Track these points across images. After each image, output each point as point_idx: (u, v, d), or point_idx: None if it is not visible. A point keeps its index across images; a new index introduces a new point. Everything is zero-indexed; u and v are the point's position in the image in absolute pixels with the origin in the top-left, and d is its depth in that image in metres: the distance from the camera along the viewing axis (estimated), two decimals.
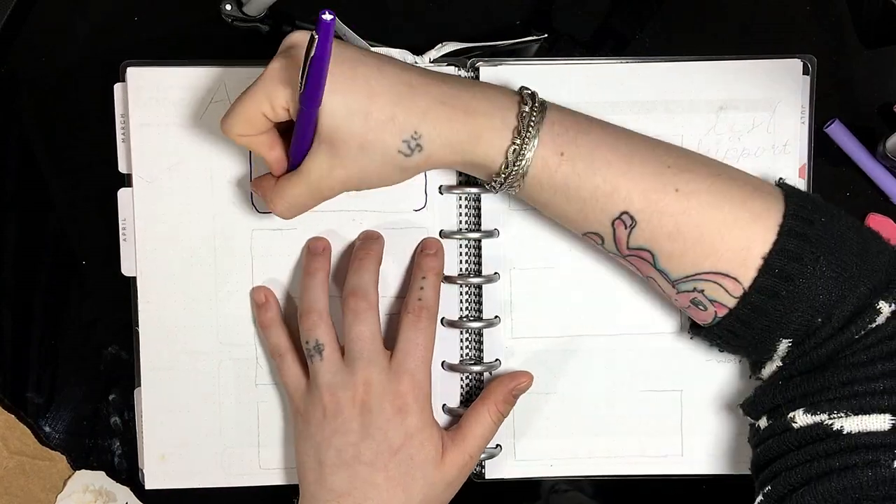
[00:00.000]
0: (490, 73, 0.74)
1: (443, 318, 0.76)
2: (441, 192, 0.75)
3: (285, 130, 0.68)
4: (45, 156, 0.77)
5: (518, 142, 0.65)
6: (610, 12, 0.78)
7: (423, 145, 0.64)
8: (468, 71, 0.75)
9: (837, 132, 0.78)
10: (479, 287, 0.76)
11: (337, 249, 0.76)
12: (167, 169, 0.75)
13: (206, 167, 0.75)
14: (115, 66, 0.74)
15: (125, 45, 0.77)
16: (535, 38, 0.76)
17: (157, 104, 0.74)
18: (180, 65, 0.74)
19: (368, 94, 0.63)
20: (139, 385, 0.77)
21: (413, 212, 0.75)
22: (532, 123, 0.65)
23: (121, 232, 0.76)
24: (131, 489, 0.79)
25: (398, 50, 0.74)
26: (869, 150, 0.78)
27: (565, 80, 0.75)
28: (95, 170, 0.77)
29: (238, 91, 0.72)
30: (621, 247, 0.67)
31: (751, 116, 0.75)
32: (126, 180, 0.76)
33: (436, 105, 0.64)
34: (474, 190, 0.75)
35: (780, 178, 0.72)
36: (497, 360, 0.77)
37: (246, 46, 0.77)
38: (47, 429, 0.79)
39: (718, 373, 0.77)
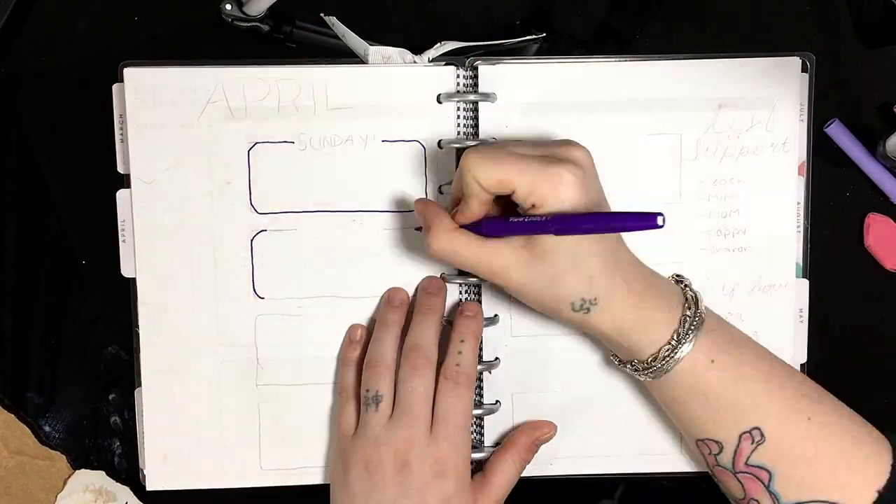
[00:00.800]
0: (489, 72, 0.74)
1: (443, 318, 0.76)
2: (441, 192, 0.75)
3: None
4: (44, 156, 0.77)
5: (674, 341, 0.67)
6: (610, 12, 0.78)
7: (592, 311, 0.66)
8: (467, 70, 0.75)
9: (837, 132, 0.78)
10: (479, 286, 0.76)
11: (337, 249, 0.76)
12: (166, 170, 0.75)
13: (205, 168, 0.75)
14: (114, 66, 0.74)
15: (125, 45, 0.77)
16: (534, 37, 0.76)
17: (155, 105, 0.74)
18: (178, 65, 0.74)
19: (590, 246, 0.65)
20: (139, 386, 0.77)
21: (413, 211, 0.75)
22: (693, 328, 0.67)
23: (120, 233, 0.76)
24: (131, 489, 0.79)
25: (398, 49, 0.74)
26: (869, 150, 0.78)
27: (565, 79, 0.75)
28: (95, 170, 0.77)
29: (236, 91, 0.73)
30: (739, 460, 0.69)
31: (750, 114, 0.75)
32: (125, 181, 0.76)
33: (623, 284, 0.66)
34: None
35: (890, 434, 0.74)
36: (497, 358, 0.77)
37: (246, 46, 0.77)
38: (47, 429, 0.79)
39: None
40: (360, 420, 0.73)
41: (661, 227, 0.58)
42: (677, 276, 0.72)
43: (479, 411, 0.76)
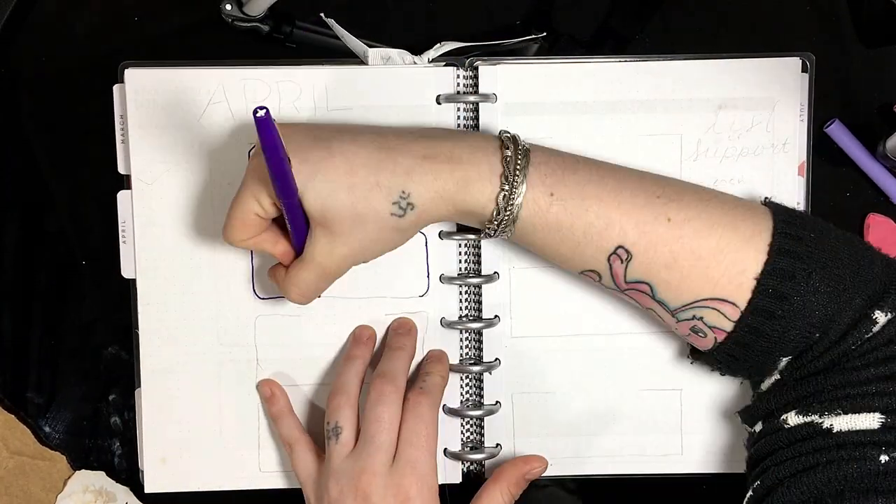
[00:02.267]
0: (489, 72, 0.74)
1: (442, 318, 0.76)
2: None
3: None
4: (45, 156, 0.77)
5: (507, 187, 0.65)
6: (610, 12, 0.78)
7: (415, 203, 0.65)
8: (467, 70, 0.75)
9: (837, 132, 0.78)
10: (479, 287, 0.76)
11: None
12: (166, 171, 0.75)
13: (204, 168, 0.75)
14: (114, 66, 0.74)
15: (125, 46, 0.77)
16: (533, 37, 0.76)
17: (155, 105, 0.74)
18: (179, 66, 0.74)
19: (348, 169, 0.64)
20: (139, 386, 0.77)
21: None
22: (518, 167, 0.65)
23: (120, 234, 0.76)
24: (131, 489, 0.79)
25: (397, 50, 0.74)
26: (869, 150, 0.78)
27: (565, 80, 0.75)
28: (96, 170, 0.77)
29: (237, 92, 0.73)
30: (619, 281, 0.67)
31: (750, 115, 0.75)
32: (125, 182, 0.76)
33: (419, 161, 0.65)
34: None
35: (766, 198, 0.73)
36: (497, 359, 0.77)
37: (246, 47, 0.77)
38: (47, 429, 0.79)
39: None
40: (325, 455, 0.72)
41: (264, 115, 0.57)
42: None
43: (478, 412, 0.77)
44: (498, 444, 0.78)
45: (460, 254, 0.76)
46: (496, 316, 0.76)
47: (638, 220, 0.65)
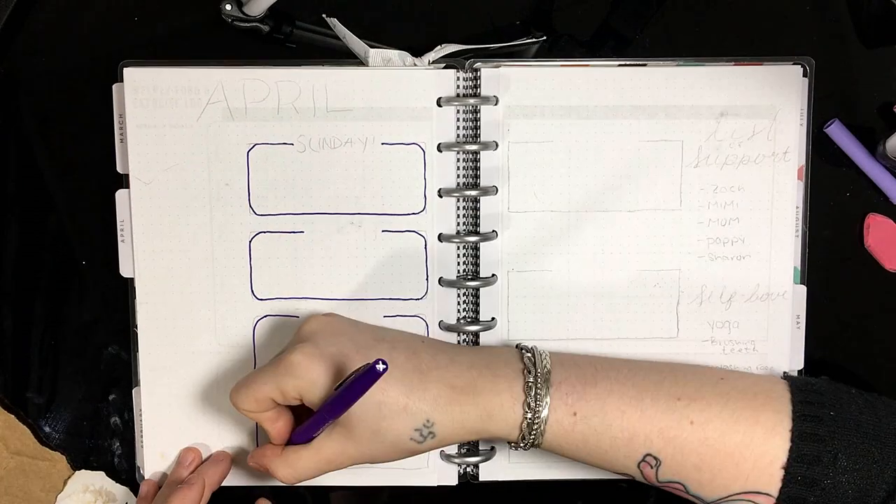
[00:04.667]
0: (490, 74, 0.74)
1: (441, 321, 0.76)
2: (440, 196, 0.75)
3: None
4: (44, 156, 0.77)
5: (529, 415, 0.66)
6: (610, 12, 0.78)
7: (436, 432, 0.66)
8: (468, 72, 0.75)
9: (837, 132, 0.77)
10: (477, 290, 0.76)
11: (336, 251, 0.76)
12: (165, 170, 0.75)
13: (204, 169, 0.75)
14: (114, 66, 0.74)
15: (125, 45, 0.77)
16: (534, 39, 0.76)
17: (154, 105, 0.74)
18: (178, 65, 0.74)
19: (381, 385, 0.64)
20: (137, 385, 0.77)
21: (412, 215, 0.75)
22: (539, 394, 0.66)
23: (119, 233, 0.76)
24: (131, 489, 0.79)
25: (398, 51, 0.74)
26: (869, 151, 0.78)
27: (566, 83, 0.75)
28: (95, 170, 0.77)
29: (236, 92, 0.73)
30: (652, 482, 0.68)
31: (751, 123, 0.75)
32: (124, 181, 0.76)
33: (446, 391, 0.66)
34: (473, 193, 0.75)
35: (784, 373, 0.74)
36: None
37: (246, 47, 0.77)
38: (47, 429, 0.79)
39: None
40: None
41: (383, 372, 0.60)
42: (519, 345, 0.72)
43: None
44: (493, 447, 0.78)
45: (458, 256, 0.76)
46: (493, 318, 0.76)
47: (661, 427, 0.66)
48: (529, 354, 0.69)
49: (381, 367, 0.60)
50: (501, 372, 0.68)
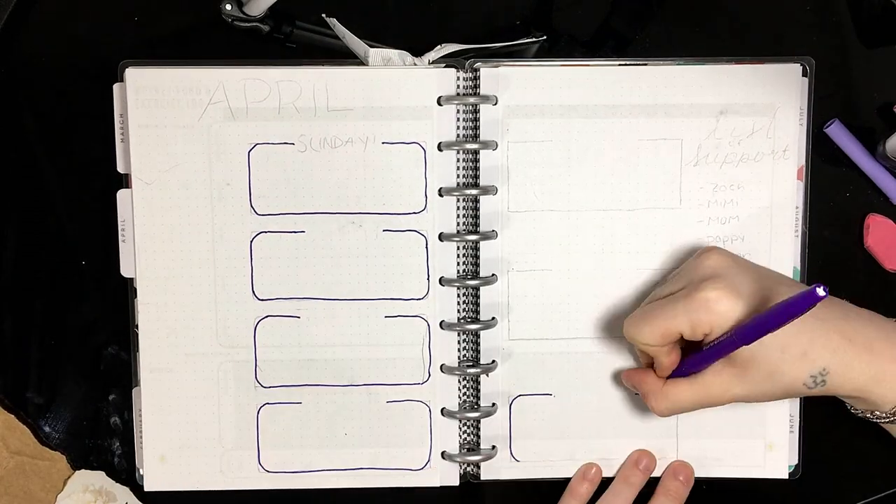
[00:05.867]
0: (490, 74, 0.74)
1: (441, 321, 0.76)
2: (441, 195, 0.75)
3: None
4: (45, 156, 0.77)
5: None
6: (610, 12, 0.78)
7: (828, 381, 0.66)
8: (468, 72, 0.75)
9: (837, 132, 0.77)
10: (477, 289, 0.76)
11: (337, 251, 0.76)
12: (166, 170, 0.75)
13: (205, 168, 0.75)
14: (114, 66, 0.74)
15: (125, 45, 0.77)
16: (534, 39, 0.76)
17: (155, 105, 0.74)
18: (179, 65, 0.74)
19: (786, 329, 0.63)
20: (137, 385, 0.77)
21: (413, 214, 0.75)
22: None
23: (120, 233, 0.76)
24: (131, 489, 0.79)
25: (398, 51, 0.74)
26: (868, 151, 0.78)
27: (566, 83, 0.75)
28: (96, 170, 0.77)
29: (237, 92, 0.73)
30: None
31: (751, 121, 0.75)
32: (125, 181, 0.76)
33: (844, 343, 0.65)
34: (473, 192, 0.75)
35: None
36: (493, 361, 0.77)
37: (246, 46, 0.77)
38: (47, 429, 0.79)
39: None
40: None
41: (825, 296, 0.59)
42: None
43: (475, 414, 0.77)
44: (494, 447, 0.78)
45: (459, 256, 0.76)
46: (493, 318, 0.76)
47: None
48: None
49: (821, 291, 0.58)
50: (894, 339, 0.67)
